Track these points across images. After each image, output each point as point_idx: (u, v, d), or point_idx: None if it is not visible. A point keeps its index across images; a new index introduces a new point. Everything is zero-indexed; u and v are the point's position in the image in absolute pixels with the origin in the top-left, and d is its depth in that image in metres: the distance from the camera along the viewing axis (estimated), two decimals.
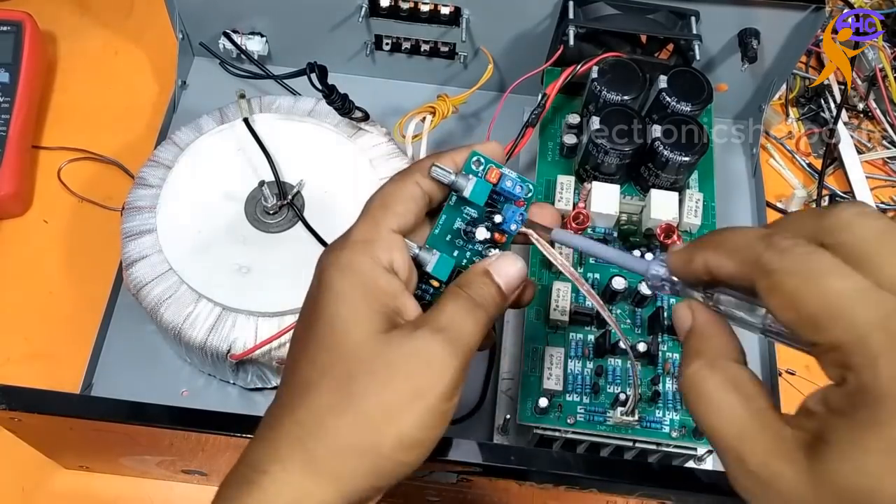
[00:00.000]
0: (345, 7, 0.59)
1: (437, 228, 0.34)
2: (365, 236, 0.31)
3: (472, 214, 0.34)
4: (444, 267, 0.33)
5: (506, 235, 0.34)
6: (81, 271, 0.57)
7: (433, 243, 0.34)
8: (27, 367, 0.53)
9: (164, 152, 0.53)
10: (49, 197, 0.60)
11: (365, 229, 0.32)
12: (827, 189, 0.63)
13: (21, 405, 0.39)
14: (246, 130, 0.53)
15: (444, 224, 0.34)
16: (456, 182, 0.33)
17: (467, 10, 0.57)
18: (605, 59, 0.51)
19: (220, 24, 0.62)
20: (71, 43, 0.67)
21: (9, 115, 0.59)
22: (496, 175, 0.33)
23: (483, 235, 0.34)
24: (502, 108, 0.57)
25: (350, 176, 0.53)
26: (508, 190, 0.33)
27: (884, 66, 0.66)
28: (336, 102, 0.51)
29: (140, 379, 0.52)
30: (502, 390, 0.50)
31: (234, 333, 0.47)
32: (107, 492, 0.50)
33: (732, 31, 0.56)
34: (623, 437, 0.43)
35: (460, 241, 0.34)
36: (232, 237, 0.50)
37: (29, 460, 0.48)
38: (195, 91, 0.64)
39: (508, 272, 0.32)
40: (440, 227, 0.34)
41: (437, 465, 0.38)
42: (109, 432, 0.41)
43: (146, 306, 0.48)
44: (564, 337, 0.46)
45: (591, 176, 0.50)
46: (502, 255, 0.33)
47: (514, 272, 0.32)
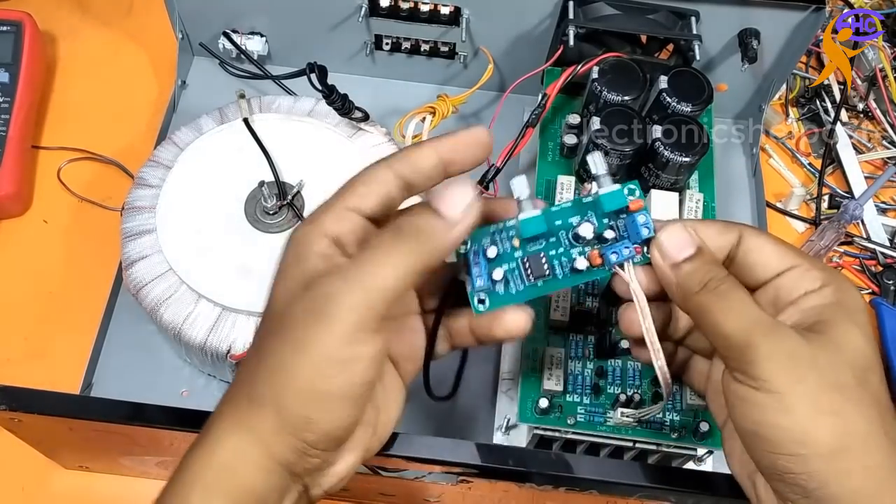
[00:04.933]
0: (345, 7, 0.59)
1: (557, 207, 0.33)
2: (317, 212, 0.31)
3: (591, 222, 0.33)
4: (533, 226, 0.32)
5: (602, 260, 0.33)
6: (81, 271, 0.56)
7: (546, 211, 0.33)
8: (27, 367, 0.53)
9: (163, 152, 0.53)
10: (49, 197, 0.60)
11: (323, 205, 0.31)
12: (827, 188, 0.63)
13: (21, 405, 0.39)
14: (246, 130, 0.53)
15: (566, 208, 0.33)
16: (523, 203, 0.32)
17: (467, 10, 0.57)
18: (605, 60, 0.51)
19: (219, 23, 0.62)
20: (71, 43, 0.67)
21: (8, 115, 0.58)
22: (637, 205, 0.32)
23: (585, 232, 0.32)
24: (502, 108, 0.57)
25: (350, 176, 0.52)
26: (636, 224, 0.32)
27: (884, 66, 0.66)
28: (336, 102, 0.51)
29: (140, 379, 0.52)
30: (502, 390, 0.49)
31: (234, 333, 0.47)
32: (107, 492, 0.50)
33: (732, 31, 0.56)
34: (623, 437, 0.43)
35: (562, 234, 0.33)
36: (232, 237, 0.50)
37: (29, 460, 0.48)
38: (195, 91, 0.64)
39: (451, 195, 0.30)
40: (561, 207, 0.33)
41: (436, 466, 0.38)
42: (109, 432, 0.41)
43: (146, 306, 0.48)
44: (565, 337, 0.46)
45: (592, 176, 0.50)
46: (450, 181, 0.30)
47: (458, 196, 0.30)
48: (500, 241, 0.33)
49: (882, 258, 0.60)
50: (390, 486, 0.44)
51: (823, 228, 0.60)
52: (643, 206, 0.33)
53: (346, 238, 0.30)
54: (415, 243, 0.29)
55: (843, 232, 0.59)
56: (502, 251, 0.33)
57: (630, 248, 0.32)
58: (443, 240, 0.30)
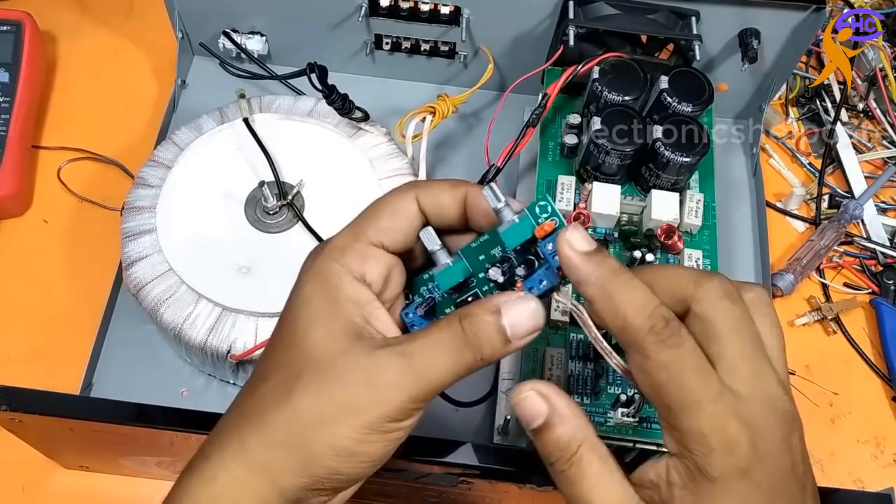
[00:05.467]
0: (345, 7, 0.59)
1: (475, 242, 0.32)
2: (341, 244, 0.31)
3: (505, 253, 0.31)
4: (449, 278, 0.31)
5: None
6: (81, 271, 0.56)
7: (464, 252, 0.32)
8: (27, 367, 0.53)
9: (163, 152, 0.53)
10: (49, 197, 0.60)
11: (344, 237, 0.31)
12: (827, 187, 0.63)
13: (21, 406, 0.39)
14: (246, 130, 0.53)
15: (482, 243, 0.31)
16: (502, 211, 0.30)
17: (467, 10, 0.57)
18: (605, 60, 0.51)
19: (219, 23, 0.62)
20: (71, 43, 0.67)
21: (9, 115, 0.58)
22: (545, 229, 0.29)
23: (494, 276, 0.31)
24: (502, 108, 0.57)
25: (350, 176, 0.53)
26: (546, 253, 0.30)
27: (884, 66, 0.65)
28: (336, 102, 0.51)
29: (140, 379, 0.52)
30: (502, 390, 0.49)
31: (235, 333, 0.47)
32: (107, 492, 0.50)
33: (733, 31, 0.56)
34: (623, 437, 0.43)
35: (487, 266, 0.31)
36: (232, 237, 0.50)
37: (29, 460, 0.48)
38: (195, 91, 0.64)
39: (521, 318, 0.29)
40: (479, 242, 0.32)
41: (436, 466, 0.38)
42: (109, 433, 0.41)
43: (146, 306, 0.48)
44: (565, 337, 0.46)
45: (592, 176, 0.50)
46: (523, 298, 0.29)
47: (527, 321, 0.29)
48: (433, 289, 0.33)
49: (882, 258, 0.60)
50: (390, 487, 0.44)
51: (823, 228, 0.60)
52: (554, 226, 0.30)
53: (372, 276, 0.31)
54: (472, 354, 0.29)
55: (843, 232, 0.59)
56: (439, 298, 0.33)
57: (549, 278, 0.30)
58: (497, 355, 0.29)
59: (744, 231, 0.60)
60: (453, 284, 0.31)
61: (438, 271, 0.31)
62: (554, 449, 0.29)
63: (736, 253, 0.59)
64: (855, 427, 0.54)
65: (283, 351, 0.30)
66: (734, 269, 0.58)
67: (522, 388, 0.30)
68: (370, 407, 0.28)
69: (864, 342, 0.57)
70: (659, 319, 0.28)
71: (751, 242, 0.60)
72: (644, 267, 0.34)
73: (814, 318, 0.57)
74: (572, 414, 0.30)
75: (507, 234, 0.30)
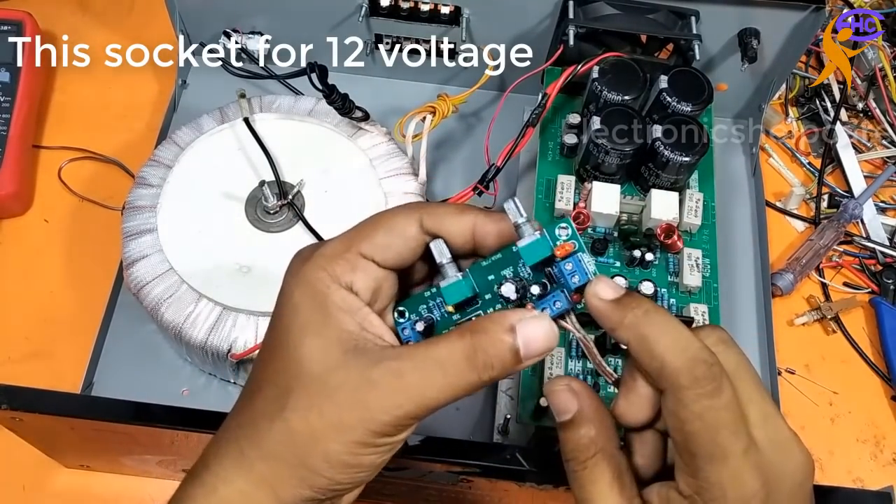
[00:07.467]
0: (345, 7, 0.59)
1: (486, 260, 0.31)
2: (330, 252, 0.30)
3: (522, 274, 0.30)
4: (456, 292, 0.30)
5: None
6: (82, 271, 0.57)
7: (472, 270, 0.31)
8: (28, 367, 0.53)
9: (164, 152, 0.53)
10: (49, 196, 0.60)
11: (334, 245, 0.30)
12: (827, 187, 0.63)
13: (22, 405, 0.39)
14: (246, 130, 0.53)
15: (493, 262, 0.31)
16: (523, 227, 0.30)
17: (467, 10, 0.57)
18: (605, 59, 0.51)
19: (219, 23, 0.62)
20: (71, 43, 0.67)
21: (9, 115, 0.59)
22: (565, 251, 0.29)
23: (507, 293, 0.30)
24: (502, 108, 0.57)
25: (350, 175, 0.53)
26: (564, 274, 0.29)
27: (883, 66, 0.66)
28: (336, 102, 0.51)
29: (141, 378, 0.52)
30: (502, 390, 0.50)
31: (235, 333, 0.47)
32: (107, 491, 0.50)
33: (732, 31, 0.56)
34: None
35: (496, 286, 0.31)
36: (232, 237, 0.50)
37: (29, 459, 0.48)
38: (195, 90, 0.64)
39: (536, 338, 0.28)
40: (490, 261, 0.31)
41: (436, 465, 0.38)
42: (110, 432, 0.41)
43: (146, 306, 0.48)
44: (564, 336, 0.46)
45: (592, 176, 0.50)
46: (539, 318, 0.29)
47: (542, 341, 0.28)
48: (434, 307, 0.32)
49: (882, 257, 0.60)
50: (390, 485, 0.44)
51: (823, 228, 0.60)
52: (573, 248, 0.29)
53: (360, 286, 0.30)
54: (476, 375, 0.28)
55: (843, 231, 0.60)
56: (439, 317, 0.32)
57: (563, 300, 0.30)
58: (502, 377, 0.29)
59: (743, 230, 0.60)
60: (459, 300, 0.30)
61: (446, 284, 0.30)
62: (573, 447, 0.29)
63: (735, 252, 0.59)
64: (854, 426, 0.54)
65: (274, 361, 0.30)
66: (734, 269, 0.58)
67: (559, 381, 0.30)
68: (359, 425, 0.28)
69: (864, 341, 0.57)
70: (700, 364, 0.27)
71: (750, 242, 0.60)
72: None
73: (813, 317, 0.57)
74: (597, 419, 0.29)
75: (527, 250, 0.29)
